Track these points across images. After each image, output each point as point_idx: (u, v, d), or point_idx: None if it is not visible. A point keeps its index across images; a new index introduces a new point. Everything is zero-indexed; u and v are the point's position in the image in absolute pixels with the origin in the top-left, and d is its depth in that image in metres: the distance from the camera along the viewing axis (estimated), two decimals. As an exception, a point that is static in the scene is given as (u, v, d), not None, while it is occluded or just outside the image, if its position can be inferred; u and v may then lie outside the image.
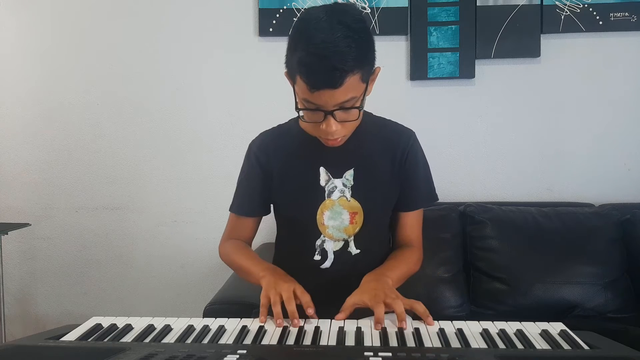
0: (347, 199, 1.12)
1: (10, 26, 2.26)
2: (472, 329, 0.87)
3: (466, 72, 2.14)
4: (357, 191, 1.12)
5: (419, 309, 0.91)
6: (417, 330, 0.87)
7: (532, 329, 0.87)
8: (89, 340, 0.84)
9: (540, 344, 0.80)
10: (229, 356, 0.73)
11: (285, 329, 0.89)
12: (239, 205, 1.22)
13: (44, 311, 2.37)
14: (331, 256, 1.14)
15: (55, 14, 2.25)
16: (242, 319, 0.93)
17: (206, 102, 2.24)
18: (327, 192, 1.12)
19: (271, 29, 2.15)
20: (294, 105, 1.02)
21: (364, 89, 0.98)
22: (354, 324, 0.90)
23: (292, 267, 1.11)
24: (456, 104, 2.20)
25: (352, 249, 1.14)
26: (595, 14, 2.10)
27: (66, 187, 2.31)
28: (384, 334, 0.85)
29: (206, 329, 0.88)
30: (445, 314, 1.82)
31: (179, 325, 0.90)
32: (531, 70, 2.16)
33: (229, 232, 1.24)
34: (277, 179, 1.16)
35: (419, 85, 2.20)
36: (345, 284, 1.07)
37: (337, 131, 0.99)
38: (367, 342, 0.82)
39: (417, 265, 1.18)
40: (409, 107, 2.19)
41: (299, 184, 1.14)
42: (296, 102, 1.00)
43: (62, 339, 0.85)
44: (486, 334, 0.84)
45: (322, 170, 1.13)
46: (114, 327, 0.90)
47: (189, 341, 0.84)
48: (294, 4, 2.14)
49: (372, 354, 0.73)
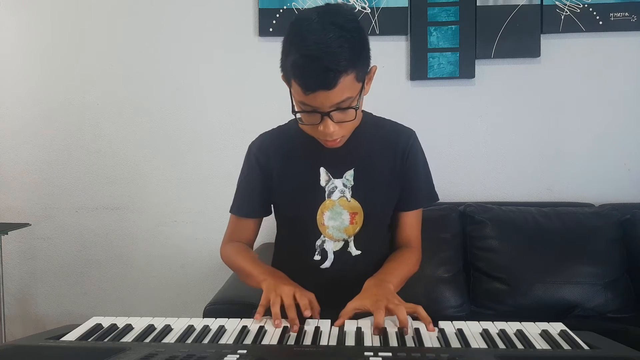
0: (347, 199, 1.12)
1: (10, 26, 2.26)
2: (472, 329, 0.88)
3: (466, 72, 2.14)
4: (357, 191, 1.12)
5: (421, 314, 0.91)
6: (417, 330, 0.87)
7: (532, 329, 0.87)
8: (89, 340, 0.84)
9: (540, 344, 0.81)
10: (229, 356, 0.73)
11: (285, 329, 0.89)
12: (239, 206, 1.22)
13: (44, 311, 2.37)
14: (331, 256, 1.14)
15: (55, 14, 2.25)
16: (242, 319, 0.93)
17: (206, 102, 2.24)
18: (327, 192, 1.12)
19: (271, 29, 2.15)
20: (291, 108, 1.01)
21: (360, 88, 0.97)
22: (354, 324, 0.90)
23: (292, 267, 1.11)
24: (456, 104, 2.20)
25: (352, 250, 1.14)
26: (595, 14, 2.10)
27: (66, 187, 2.31)
28: (383, 334, 0.85)
29: (206, 329, 0.89)
30: (445, 314, 1.82)
31: (179, 325, 0.90)
32: (531, 70, 2.16)
33: (230, 234, 1.24)
34: (277, 179, 1.16)
35: (419, 85, 2.20)
36: (345, 284, 1.07)
37: (335, 132, 0.99)
38: (367, 342, 0.82)
39: (417, 266, 1.18)
40: (409, 107, 2.19)
41: (299, 185, 1.14)
42: (293, 105, 0.99)
43: (62, 339, 0.85)
44: (486, 334, 0.84)
45: (322, 170, 1.13)
46: (114, 327, 0.90)
47: (189, 341, 0.84)
48: (294, 4, 2.14)
49: (372, 354, 0.73)
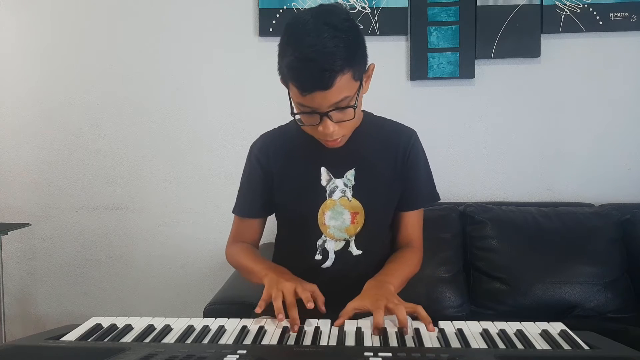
0: (348, 198, 1.12)
1: (10, 26, 2.26)
2: (472, 329, 0.88)
3: (466, 72, 2.14)
4: (358, 191, 1.12)
5: (421, 314, 0.91)
6: (417, 330, 0.87)
7: (532, 329, 0.87)
8: (89, 340, 0.84)
9: (540, 344, 0.80)
10: (229, 356, 0.73)
11: (285, 329, 0.89)
12: (241, 207, 1.22)
13: (44, 311, 2.37)
14: (332, 256, 1.14)
15: (55, 14, 2.25)
16: (242, 319, 0.93)
17: (206, 102, 2.24)
18: (328, 192, 1.12)
19: (271, 29, 2.15)
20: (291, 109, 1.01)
21: (358, 87, 0.97)
22: (354, 324, 0.90)
23: (293, 266, 1.11)
24: (456, 104, 2.19)
25: (353, 249, 1.14)
26: (595, 14, 2.10)
27: (66, 187, 2.31)
28: (383, 334, 0.85)
29: (206, 329, 0.88)
30: (445, 314, 1.82)
31: (179, 325, 0.90)
32: (531, 70, 2.16)
33: (235, 235, 1.24)
34: (278, 179, 1.16)
35: (419, 85, 2.20)
36: (346, 284, 1.07)
37: (335, 132, 0.99)
38: (367, 343, 0.82)
39: (418, 266, 1.18)
40: (409, 107, 2.19)
41: (300, 184, 1.14)
42: (292, 107, 0.99)
43: (62, 339, 0.85)
44: (486, 334, 0.84)
45: (323, 170, 1.13)
46: (114, 327, 0.90)
47: (189, 341, 0.84)
48: (294, 4, 2.14)
49: (372, 354, 0.73)
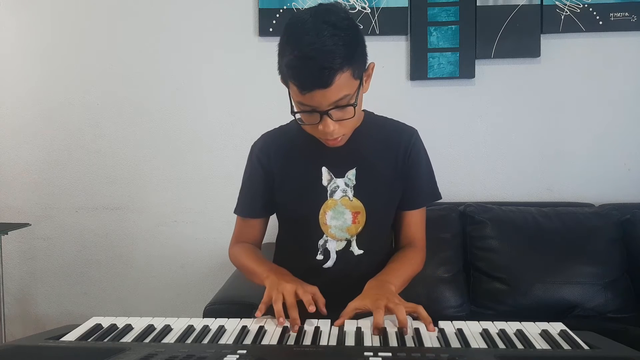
0: (349, 198, 1.12)
1: (10, 26, 2.26)
2: (472, 329, 0.87)
3: (466, 72, 2.14)
4: (359, 191, 1.12)
5: (422, 314, 0.91)
6: (417, 330, 0.87)
7: (532, 329, 0.87)
8: (89, 340, 0.84)
9: (540, 344, 0.80)
10: (229, 356, 0.73)
11: (285, 329, 0.89)
12: (243, 207, 1.22)
13: (44, 311, 2.37)
14: (334, 256, 1.14)
15: (55, 14, 2.25)
16: (242, 319, 0.93)
17: (206, 102, 2.24)
18: (329, 191, 1.12)
19: (271, 29, 2.15)
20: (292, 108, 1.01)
21: (358, 85, 0.97)
22: (354, 324, 0.90)
23: (294, 267, 1.11)
24: (456, 104, 2.19)
25: (355, 249, 1.14)
26: (595, 14, 2.10)
27: (66, 187, 2.31)
28: (383, 334, 0.85)
29: (206, 329, 0.88)
30: (445, 314, 1.83)
31: (179, 325, 0.90)
32: (531, 70, 2.16)
33: (237, 236, 1.24)
34: (279, 179, 1.16)
35: (419, 85, 2.20)
36: (347, 283, 1.07)
37: (335, 131, 0.99)
38: (367, 342, 0.82)
39: (420, 266, 1.17)
40: (409, 107, 2.19)
41: (301, 184, 1.14)
42: (292, 106, 0.99)
43: (62, 339, 0.85)
44: (486, 334, 0.84)
45: (324, 170, 1.13)
46: (114, 327, 0.90)
47: (189, 341, 0.84)
48: (294, 4, 2.14)
49: (372, 354, 0.73)
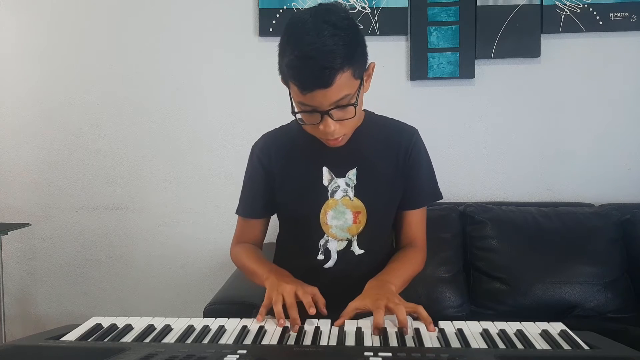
0: (350, 198, 1.12)
1: (10, 26, 2.26)
2: (472, 329, 0.88)
3: (466, 72, 2.14)
4: (360, 190, 1.12)
5: (422, 314, 0.91)
6: (417, 330, 0.87)
7: (532, 329, 0.87)
8: (89, 340, 0.84)
9: (540, 344, 0.80)
10: (229, 356, 0.73)
11: (285, 329, 0.89)
12: (244, 207, 1.22)
13: (44, 311, 2.37)
14: (334, 256, 1.14)
15: (55, 14, 2.25)
16: (242, 319, 0.93)
17: (206, 102, 2.24)
18: (330, 191, 1.12)
19: (271, 29, 2.15)
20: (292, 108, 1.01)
21: (358, 85, 0.97)
22: (354, 324, 0.90)
23: (295, 266, 1.11)
24: (456, 104, 2.19)
25: (356, 249, 1.14)
26: (595, 14, 2.10)
27: (66, 187, 2.31)
28: (383, 334, 0.85)
29: (206, 329, 0.88)
30: (445, 314, 1.83)
31: (179, 325, 0.90)
32: (531, 70, 2.16)
33: (238, 236, 1.25)
34: (279, 179, 1.16)
35: (419, 85, 2.20)
36: (348, 283, 1.07)
37: (336, 130, 0.99)
38: (367, 342, 0.82)
39: (421, 265, 1.17)
40: (409, 107, 2.19)
41: (301, 184, 1.14)
42: (293, 106, 0.99)
43: (62, 339, 0.85)
44: (486, 334, 0.84)
45: (325, 170, 1.13)
46: (114, 327, 0.90)
47: (189, 341, 0.84)
48: (294, 4, 2.14)
49: (372, 354, 0.73)
